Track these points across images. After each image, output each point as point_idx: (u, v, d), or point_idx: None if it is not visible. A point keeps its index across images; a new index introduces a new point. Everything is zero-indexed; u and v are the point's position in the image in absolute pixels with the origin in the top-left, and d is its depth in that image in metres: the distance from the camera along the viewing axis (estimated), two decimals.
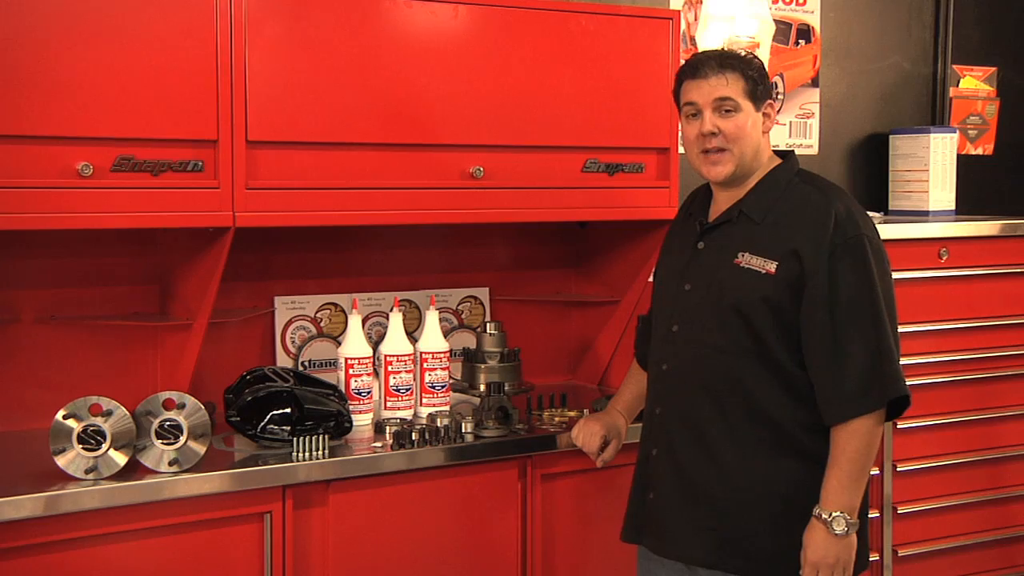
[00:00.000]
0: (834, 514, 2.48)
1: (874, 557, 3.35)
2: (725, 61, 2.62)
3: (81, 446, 2.51)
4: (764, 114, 2.64)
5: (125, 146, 2.65)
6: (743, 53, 2.70)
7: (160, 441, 2.59)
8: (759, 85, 2.62)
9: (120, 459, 2.54)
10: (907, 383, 2.55)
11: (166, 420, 2.59)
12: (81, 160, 2.60)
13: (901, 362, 2.55)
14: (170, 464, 2.58)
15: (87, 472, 2.51)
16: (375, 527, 2.83)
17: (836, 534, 2.49)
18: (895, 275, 2.60)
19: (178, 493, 2.57)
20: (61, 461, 2.50)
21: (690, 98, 2.63)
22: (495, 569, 2.99)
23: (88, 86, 2.60)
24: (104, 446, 2.52)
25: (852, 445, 2.50)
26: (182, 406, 2.62)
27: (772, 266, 2.53)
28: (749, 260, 2.56)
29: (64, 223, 2.62)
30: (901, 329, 2.58)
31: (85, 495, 2.47)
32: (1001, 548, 3.77)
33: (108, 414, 2.54)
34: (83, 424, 2.51)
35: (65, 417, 2.51)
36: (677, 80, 2.69)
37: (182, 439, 2.60)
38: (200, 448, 2.62)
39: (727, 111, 2.60)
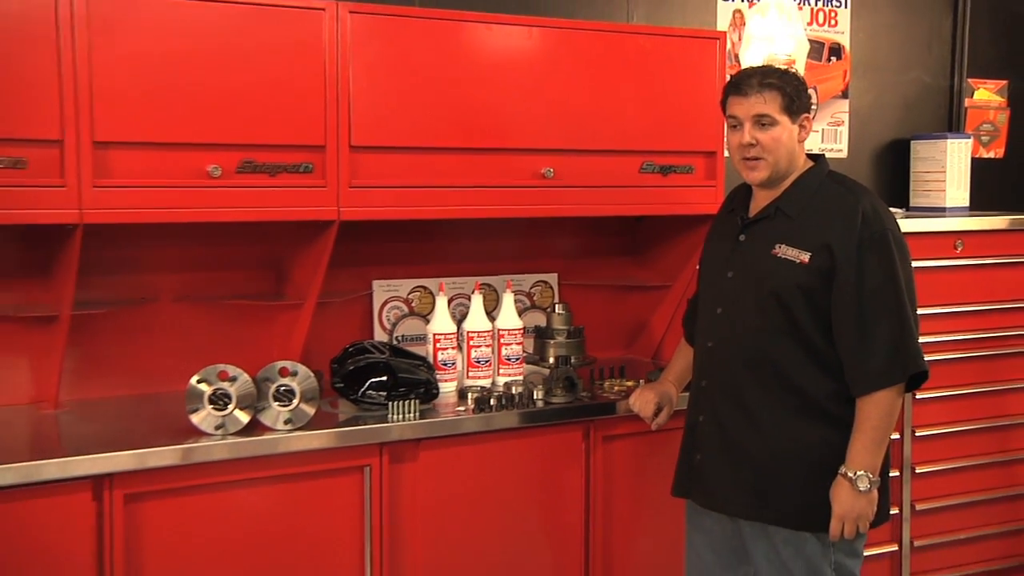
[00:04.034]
0: (859, 473, 2.48)
1: (894, 511, 3.35)
2: (765, 80, 2.59)
3: (211, 406, 2.55)
4: (800, 125, 2.61)
5: (247, 151, 2.69)
6: (784, 69, 2.66)
7: (277, 403, 2.62)
8: (795, 100, 2.58)
9: (244, 418, 2.58)
10: (925, 359, 2.54)
11: (281, 385, 2.63)
12: (211, 163, 2.64)
13: (920, 341, 2.54)
14: (285, 423, 2.62)
15: (216, 428, 2.56)
16: (457, 480, 2.84)
17: (860, 491, 2.49)
18: (915, 264, 2.58)
19: (291, 448, 2.61)
20: (195, 419, 2.55)
21: (733, 112, 2.62)
22: (562, 519, 2.99)
23: (217, 100, 2.64)
24: (230, 407, 2.56)
25: (876, 413, 2.50)
26: (295, 374, 2.65)
27: (806, 257, 2.52)
28: (785, 251, 2.55)
29: (197, 216, 2.66)
30: (920, 312, 2.57)
31: (215, 448, 2.52)
32: (1007, 504, 3.74)
33: (233, 380, 2.58)
34: (213, 388, 2.56)
35: (198, 382, 2.56)
36: (724, 93, 2.67)
37: (295, 402, 2.63)
38: (310, 410, 2.65)
39: (764, 125, 2.58)
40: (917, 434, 3.56)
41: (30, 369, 2.86)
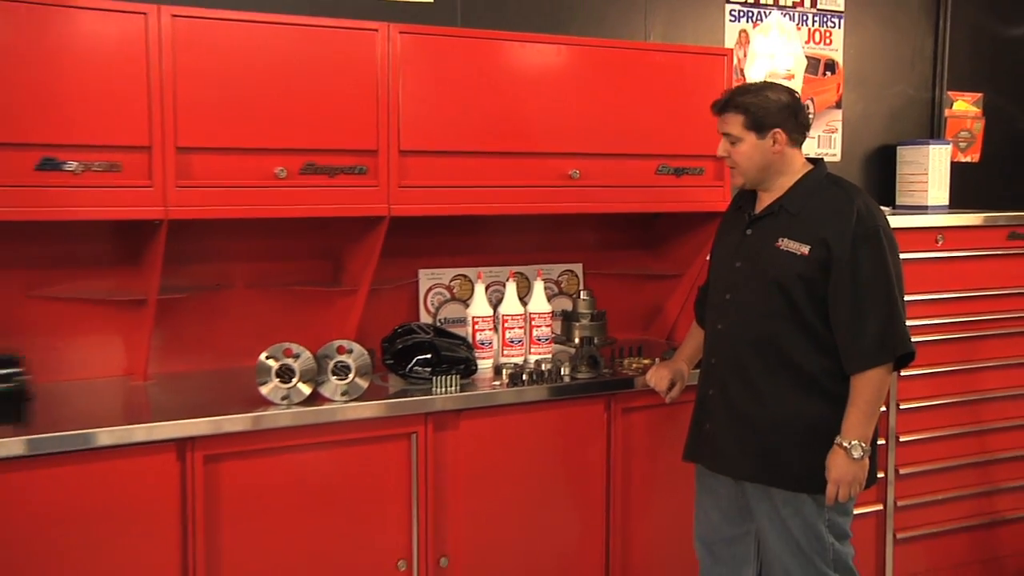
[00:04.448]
0: (853, 442, 2.48)
1: (881, 475, 3.35)
2: (729, 103, 2.61)
3: (278, 379, 2.57)
4: (773, 139, 2.58)
5: (309, 155, 2.70)
6: (754, 90, 2.62)
7: (335, 377, 2.64)
8: (761, 119, 2.56)
9: (306, 390, 2.60)
10: (912, 341, 2.53)
11: (339, 362, 2.65)
12: (277, 166, 2.66)
13: (907, 324, 2.53)
14: (342, 395, 2.64)
15: (282, 399, 2.57)
16: (493, 446, 2.85)
17: (854, 458, 2.49)
18: (902, 256, 2.57)
19: (347, 416, 2.62)
20: (263, 390, 2.57)
21: (717, 127, 2.66)
22: (585, 481, 2.99)
23: (283, 110, 2.66)
24: (294, 380, 2.58)
25: (867, 389, 2.49)
26: (350, 351, 2.67)
27: (806, 249, 2.52)
28: (787, 244, 2.55)
29: (265, 213, 2.69)
30: (907, 298, 2.57)
31: (281, 416, 2.55)
32: (980, 469, 3.72)
33: (297, 356, 2.59)
34: (279, 363, 2.57)
35: (267, 358, 2.58)
36: None
37: (351, 376, 2.65)
38: (364, 383, 2.67)
39: (732, 142, 2.61)
40: (902, 407, 3.54)
41: (123, 346, 2.89)
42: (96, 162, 2.46)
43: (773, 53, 3.91)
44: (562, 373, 2.98)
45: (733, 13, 3.90)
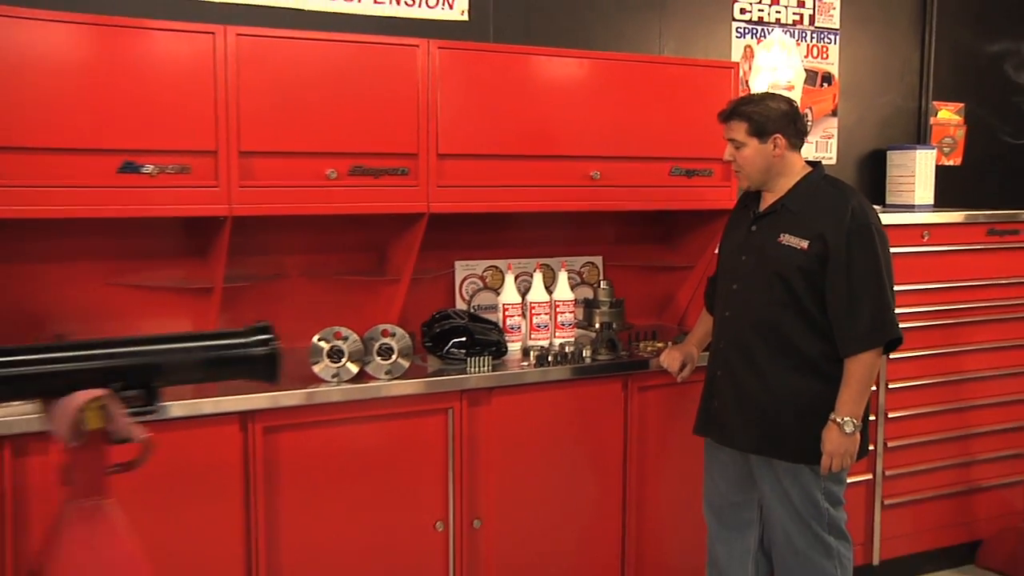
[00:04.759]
0: (845, 419, 2.49)
1: (871, 447, 3.34)
2: (734, 112, 2.61)
3: (329, 359, 2.59)
4: (773, 143, 2.58)
5: (357, 158, 2.70)
6: (756, 100, 2.63)
7: (379, 358, 2.65)
8: (763, 125, 2.56)
9: (354, 369, 2.62)
10: (900, 328, 2.53)
11: (383, 344, 2.66)
12: (328, 168, 2.66)
13: (896, 312, 2.53)
14: (386, 373, 2.66)
15: (332, 377, 2.60)
16: (522, 420, 2.86)
17: (847, 433, 2.50)
18: (892, 250, 2.58)
19: (392, 393, 2.64)
20: (316, 369, 2.59)
21: (723, 134, 2.67)
22: (604, 453, 3.00)
23: (333, 118, 2.67)
24: (344, 360, 2.60)
25: (860, 371, 2.50)
26: (393, 334, 2.68)
27: (805, 244, 2.52)
28: (788, 239, 2.56)
29: (318, 210, 2.69)
30: (896, 288, 2.57)
31: (332, 392, 2.57)
32: (960, 442, 3.71)
33: (346, 338, 2.61)
34: (330, 345, 2.60)
35: (319, 340, 2.60)
36: None
37: (394, 357, 2.66)
38: (406, 363, 2.68)
39: (736, 147, 2.61)
40: (890, 386, 3.54)
41: (191, 329, 2.88)
42: (169, 165, 2.49)
43: (775, 66, 3.89)
44: (584, 355, 2.98)
45: (739, 30, 3.89)
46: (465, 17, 3.29)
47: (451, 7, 3.27)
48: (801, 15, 4.03)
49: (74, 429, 1.16)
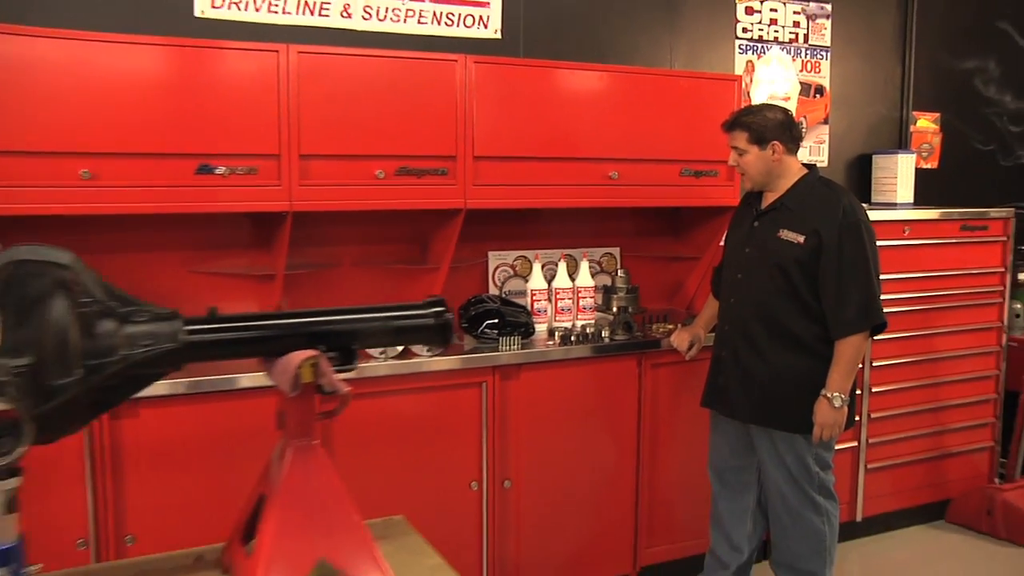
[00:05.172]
0: (835, 394, 2.49)
1: (857, 418, 3.33)
2: (735, 123, 2.59)
3: None
4: (772, 149, 2.56)
5: (402, 160, 2.69)
6: (755, 111, 2.61)
7: None
8: (762, 133, 2.54)
9: (399, 347, 2.65)
10: (885, 313, 2.52)
11: None
12: (377, 169, 2.65)
13: (882, 299, 2.53)
14: (427, 350, 2.67)
15: (380, 353, 2.62)
16: (547, 393, 2.86)
17: (835, 407, 2.50)
18: (878, 243, 2.57)
19: (432, 368, 2.66)
20: None
21: (726, 141, 2.65)
22: (620, 422, 3.01)
23: (382, 125, 2.66)
24: None
25: (848, 351, 2.50)
26: None
27: (801, 238, 2.52)
28: (787, 234, 2.55)
29: (368, 207, 2.68)
30: (881, 278, 2.56)
31: (380, 367, 2.60)
32: (935, 414, 3.71)
33: None
34: None
35: None
36: None
37: None
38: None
39: (739, 154, 2.60)
40: (874, 364, 3.53)
41: (257, 311, 2.89)
42: (239, 167, 2.50)
43: (773, 79, 3.88)
44: (603, 335, 2.99)
45: (741, 47, 3.87)
46: (498, 35, 3.28)
47: (486, 26, 3.26)
48: (796, 34, 4.00)
49: (293, 382, 1.25)
